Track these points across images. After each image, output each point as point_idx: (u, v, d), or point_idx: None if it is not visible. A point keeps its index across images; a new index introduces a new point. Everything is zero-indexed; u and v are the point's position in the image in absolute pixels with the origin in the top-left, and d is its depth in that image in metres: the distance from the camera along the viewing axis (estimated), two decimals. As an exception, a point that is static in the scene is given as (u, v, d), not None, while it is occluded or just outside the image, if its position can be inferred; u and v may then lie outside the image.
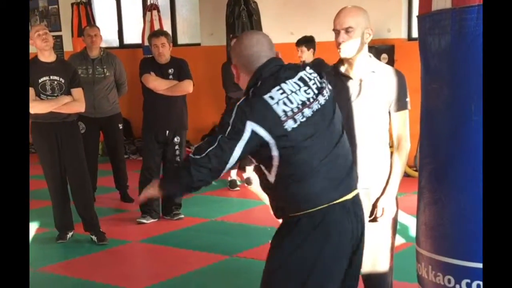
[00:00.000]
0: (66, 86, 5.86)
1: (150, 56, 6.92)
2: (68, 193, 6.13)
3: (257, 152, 2.69)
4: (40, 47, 5.80)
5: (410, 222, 6.03)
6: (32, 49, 5.85)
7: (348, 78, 3.45)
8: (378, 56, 8.16)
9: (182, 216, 6.89)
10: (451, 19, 2.71)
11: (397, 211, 3.55)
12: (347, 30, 3.34)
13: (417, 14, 3.07)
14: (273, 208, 2.86)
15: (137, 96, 7.15)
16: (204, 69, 8.26)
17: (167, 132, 6.68)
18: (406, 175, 6.79)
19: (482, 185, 2.66)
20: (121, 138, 7.91)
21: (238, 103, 2.66)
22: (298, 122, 2.66)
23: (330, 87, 2.86)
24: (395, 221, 3.57)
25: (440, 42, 2.78)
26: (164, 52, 6.58)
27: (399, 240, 5.28)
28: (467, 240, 2.79)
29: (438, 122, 2.88)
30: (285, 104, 2.66)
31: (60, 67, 5.93)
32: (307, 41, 7.68)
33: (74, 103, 5.88)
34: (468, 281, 2.77)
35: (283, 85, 2.70)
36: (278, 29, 9.27)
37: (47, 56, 5.87)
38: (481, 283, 2.73)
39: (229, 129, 2.62)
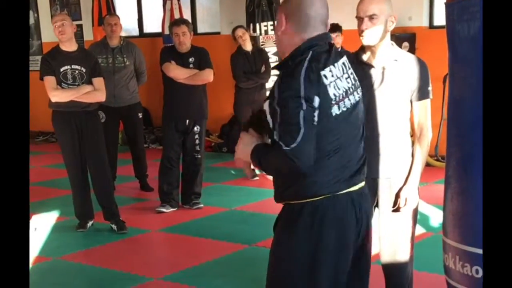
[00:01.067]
0: (87, 75, 5.88)
1: (171, 45, 6.92)
2: (88, 182, 6.15)
3: None
4: (58, 37, 5.85)
5: (430, 212, 6.00)
6: (55, 38, 5.90)
7: (370, 66, 3.42)
8: (399, 44, 8.03)
9: (201, 205, 6.89)
10: (479, 5, 2.66)
11: (418, 201, 3.52)
12: (371, 17, 3.30)
13: (441, 1, 3.02)
14: (277, 191, 2.74)
15: (157, 85, 7.16)
16: (224, 58, 8.24)
17: (187, 121, 6.67)
18: (427, 164, 6.73)
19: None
20: (141, 127, 7.92)
21: (300, 75, 2.47)
22: (341, 110, 2.57)
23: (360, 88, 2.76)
24: (415, 211, 3.55)
25: (469, 29, 2.73)
26: (185, 40, 6.57)
27: (420, 230, 5.26)
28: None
29: (466, 110, 2.83)
30: (334, 88, 2.56)
31: (81, 56, 5.94)
32: (339, 28, 7.61)
33: (95, 93, 5.89)
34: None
35: (332, 67, 2.59)
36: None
37: (68, 46, 5.89)
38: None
39: (304, 103, 2.45)
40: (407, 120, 3.49)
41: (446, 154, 2.90)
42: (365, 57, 3.45)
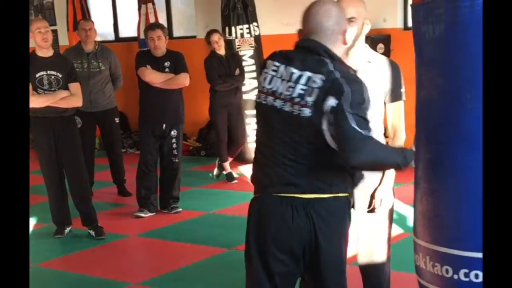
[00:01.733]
0: (63, 81, 5.85)
1: (146, 49, 6.91)
2: (65, 187, 6.12)
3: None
4: (40, 44, 5.83)
5: (407, 212, 6.04)
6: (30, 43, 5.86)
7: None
8: (374, 46, 8.13)
9: (180, 209, 6.89)
10: (445, 8, 2.69)
11: (393, 201, 3.55)
12: (350, 20, 3.31)
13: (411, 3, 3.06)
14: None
15: (134, 90, 7.14)
16: (200, 62, 8.23)
17: (164, 125, 6.66)
18: (403, 165, 6.80)
19: (479, 173, 2.66)
20: (118, 132, 7.90)
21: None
22: (260, 100, 2.90)
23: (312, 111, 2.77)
24: (391, 211, 3.57)
25: (434, 30, 2.76)
26: (160, 45, 6.57)
27: (397, 230, 5.30)
28: (465, 230, 2.77)
29: (433, 111, 2.86)
30: (265, 79, 2.89)
31: (57, 62, 5.93)
32: None
33: (72, 98, 5.87)
34: (466, 271, 2.76)
35: (281, 66, 2.87)
36: (273, 20, 9.25)
37: (45, 52, 5.88)
38: (479, 272, 2.72)
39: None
40: (381, 122, 3.51)
41: (415, 155, 2.93)
42: (339, 59, 3.47)
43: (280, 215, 2.84)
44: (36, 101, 5.72)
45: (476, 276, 2.73)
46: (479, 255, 2.69)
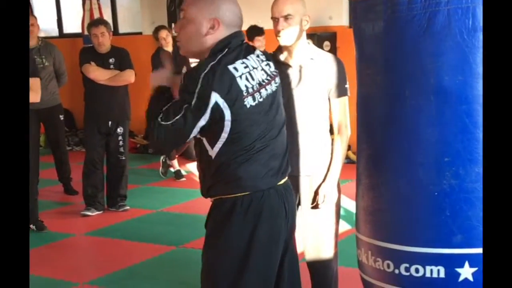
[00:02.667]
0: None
1: (90, 45, 6.82)
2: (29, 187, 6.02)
3: (212, 125, 2.58)
4: None
5: (354, 208, 6.09)
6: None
7: (287, 65, 3.46)
8: (320, 44, 8.21)
9: (128, 207, 6.83)
10: (383, 5, 2.73)
11: (339, 197, 3.58)
12: (286, 18, 3.35)
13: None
14: (204, 186, 2.75)
15: (79, 86, 7.05)
16: (146, 58, 8.17)
17: (110, 122, 6.60)
18: (350, 161, 6.88)
19: (419, 168, 2.70)
20: (63, 130, 7.77)
21: (203, 71, 2.52)
22: (256, 101, 2.60)
23: (278, 78, 2.80)
24: (338, 207, 3.60)
25: (374, 27, 2.80)
26: (104, 41, 6.49)
27: (344, 226, 5.34)
28: (405, 225, 2.82)
29: (373, 107, 2.90)
30: (247, 79, 2.59)
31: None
32: (260, 31, 7.66)
33: (30, 93, 5.76)
34: (407, 265, 2.80)
35: (245, 60, 2.64)
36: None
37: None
38: (419, 267, 2.77)
39: (194, 99, 2.50)
40: (326, 118, 3.54)
41: (357, 151, 2.96)
42: (282, 56, 3.49)
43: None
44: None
45: (417, 270, 2.79)
46: (419, 249, 2.75)
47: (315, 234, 3.58)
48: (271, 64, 2.78)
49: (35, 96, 5.80)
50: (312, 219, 3.56)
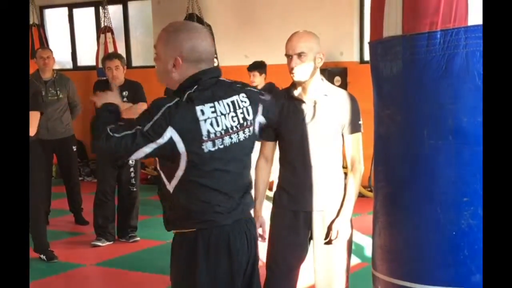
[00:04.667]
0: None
1: (104, 78, 6.90)
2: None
3: (164, 158, 2.63)
4: None
5: (365, 242, 6.09)
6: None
7: (301, 101, 3.50)
8: (331, 79, 8.27)
9: (138, 238, 6.84)
10: (402, 46, 2.76)
11: (351, 232, 3.60)
12: (299, 55, 3.40)
13: (368, 38, 3.13)
14: (165, 219, 2.80)
15: (91, 118, 7.11)
16: (158, 92, 8.22)
17: (122, 154, 6.62)
18: (360, 195, 6.83)
19: (438, 208, 2.71)
20: (75, 160, 7.84)
21: (168, 103, 2.53)
22: (216, 147, 2.60)
23: (257, 124, 2.80)
24: (350, 242, 3.60)
25: (392, 68, 2.83)
26: (118, 74, 6.56)
27: (355, 260, 5.33)
28: (423, 264, 2.81)
29: (392, 146, 2.91)
30: (211, 124, 2.59)
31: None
32: (259, 66, 7.72)
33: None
34: (423, 304, 2.81)
35: (216, 103, 2.63)
36: (233, 52, 9.34)
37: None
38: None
39: (149, 125, 2.51)
40: (339, 153, 3.57)
41: (374, 189, 2.96)
42: (296, 92, 3.53)
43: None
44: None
45: (433, 308, 2.78)
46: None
47: (327, 268, 3.58)
48: (248, 112, 2.74)
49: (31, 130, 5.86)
50: (325, 254, 3.57)
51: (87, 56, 11.34)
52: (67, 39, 11.56)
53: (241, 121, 2.71)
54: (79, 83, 8.41)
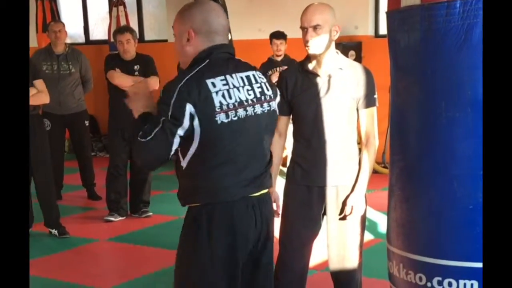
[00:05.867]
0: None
1: (116, 52, 6.85)
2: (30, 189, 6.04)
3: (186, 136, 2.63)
4: None
5: (378, 218, 6.07)
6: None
7: (316, 75, 3.45)
8: (345, 53, 8.17)
9: (151, 213, 6.84)
10: (420, 16, 2.71)
11: (365, 208, 3.56)
12: (315, 28, 3.34)
13: (385, 10, 3.07)
14: (179, 194, 2.81)
15: (103, 93, 7.09)
16: (171, 66, 8.18)
17: (134, 129, 6.60)
18: (374, 171, 6.78)
19: (453, 182, 2.65)
20: (88, 135, 7.83)
21: (179, 83, 2.55)
22: (229, 119, 2.60)
23: (275, 103, 2.81)
24: (363, 218, 3.58)
25: (409, 38, 2.78)
26: (129, 48, 6.52)
27: (368, 237, 5.30)
28: (439, 238, 2.78)
29: (408, 119, 2.87)
30: (223, 96, 2.60)
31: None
32: (284, 36, 7.74)
33: (41, 94, 5.79)
34: (440, 278, 2.77)
35: (228, 76, 2.65)
36: (247, 26, 9.25)
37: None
38: (452, 280, 2.73)
39: (170, 110, 2.52)
40: (354, 128, 3.52)
41: (390, 162, 2.93)
42: (310, 66, 3.48)
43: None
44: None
45: (450, 284, 2.75)
46: (453, 263, 2.71)
47: (340, 244, 3.56)
48: (268, 88, 2.77)
49: (45, 97, 5.83)
50: (338, 229, 3.54)
51: (100, 30, 11.29)
52: (79, 13, 11.50)
53: (258, 95, 2.72)
54: (91, 57, 8.37)
